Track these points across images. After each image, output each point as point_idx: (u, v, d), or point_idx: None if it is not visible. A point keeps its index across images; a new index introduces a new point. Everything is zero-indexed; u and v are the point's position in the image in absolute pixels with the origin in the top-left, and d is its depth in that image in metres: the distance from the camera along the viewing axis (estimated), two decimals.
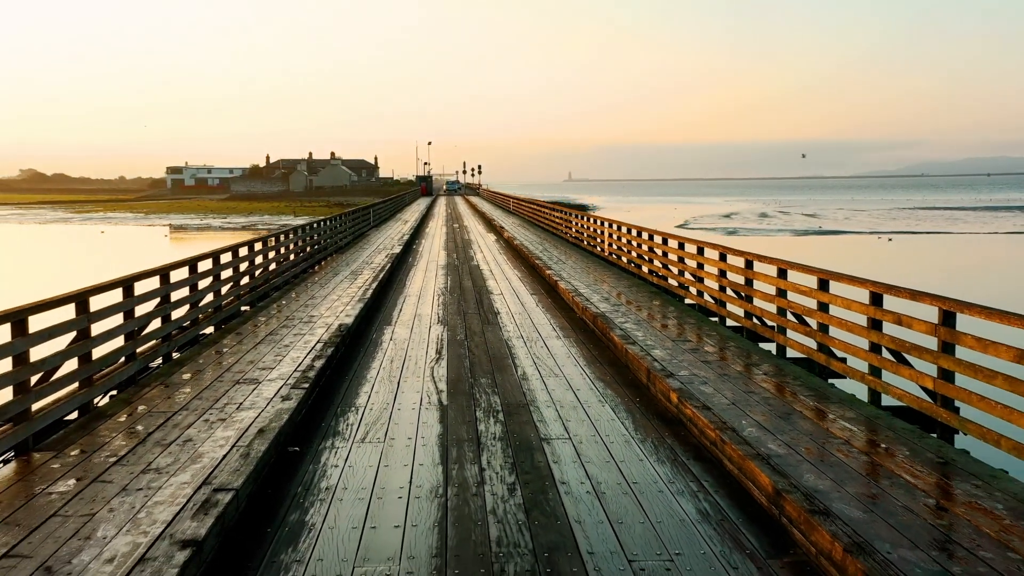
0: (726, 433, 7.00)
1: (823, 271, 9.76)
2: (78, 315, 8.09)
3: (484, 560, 5.07)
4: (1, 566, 4.76)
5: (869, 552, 4.78)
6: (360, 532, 5.49)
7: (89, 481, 6.15)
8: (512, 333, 12.66)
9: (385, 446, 7.27)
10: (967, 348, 6.94)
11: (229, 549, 5.30)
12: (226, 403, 8.27)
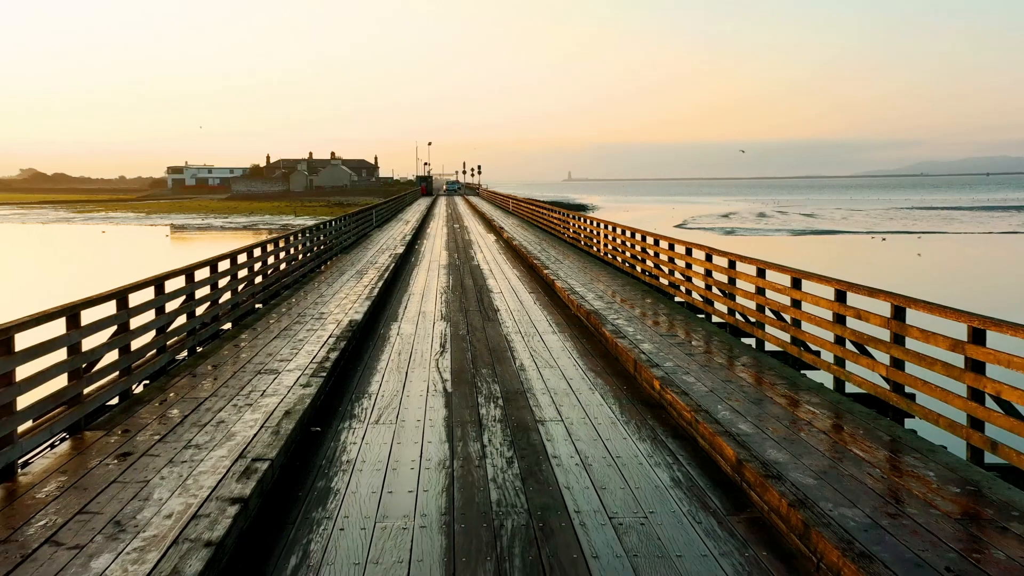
0: (700, 414, 7.88)
1: (796, 270, 10.64)
2: (119, 310, 8.96)
3: (486, 517, 5.95)
4: (78, 520, 5.63)
5: (809, 506, 5.66)
6: (379, 496, 6.37)
7: (139, 455, 7.02)
8: (511, 328, 13.55)
9: (397, 427, 8.16)
10: (914, 339, 7.83)
11: (268, 508, 6.18)
12: (251, 390, 9.14)
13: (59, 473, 6.61)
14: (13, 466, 6.61)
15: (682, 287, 15.46)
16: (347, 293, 16.80)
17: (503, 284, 19.36)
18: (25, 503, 5.99)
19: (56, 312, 7.59)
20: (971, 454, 6.99)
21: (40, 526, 5.55)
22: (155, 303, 10.12)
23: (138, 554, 5.11)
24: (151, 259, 47.68)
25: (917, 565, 4.90)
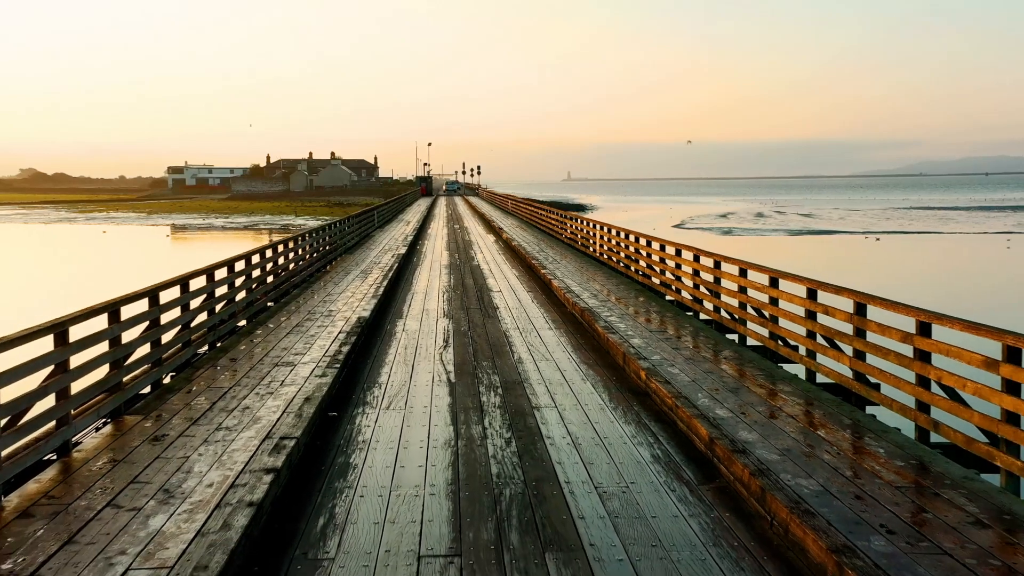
0: (680, 400, 8.73)
1: (773, 270, 11.49)
2: (151, 307, 9.80)
3: (487, 486, 6.80)
4: (131, 488, 6.47)
5: (768, 476, 6.50)
6: (392, 469, 7.22)
7: (176, 436, 7.86)
8: (510, 325, 14.39)
9: (406, 412, 9.01)
10: (873, 332, 8.68)
11: (296, 479, 7.03)
12: (270, 380, 9.97)
13: (108, 450, 7.45)
14: (69, 443, 7.46)
15: (672, 286, 16.30)
16: (353, 292, 17.63)
17: (502, 283, 20.20)
18: (83, 474, 6.83)
19: (100, 308, 8.43)
20: (918, 434, 7.84)
21: (99, 493, 6.39)
22: (181, 300, 10.96)
23: (188, 515, 5.95)
24: (157, 259, 48.52)
25: (856, 523, 5.74)
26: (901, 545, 5.39)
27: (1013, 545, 5.42)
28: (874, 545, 5.38)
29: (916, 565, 5.10)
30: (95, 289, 31.47)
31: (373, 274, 20.90)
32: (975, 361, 6.91)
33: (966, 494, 6.30)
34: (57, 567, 5.14)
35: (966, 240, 54.46)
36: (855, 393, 9.09)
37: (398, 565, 5.41)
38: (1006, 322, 7.85)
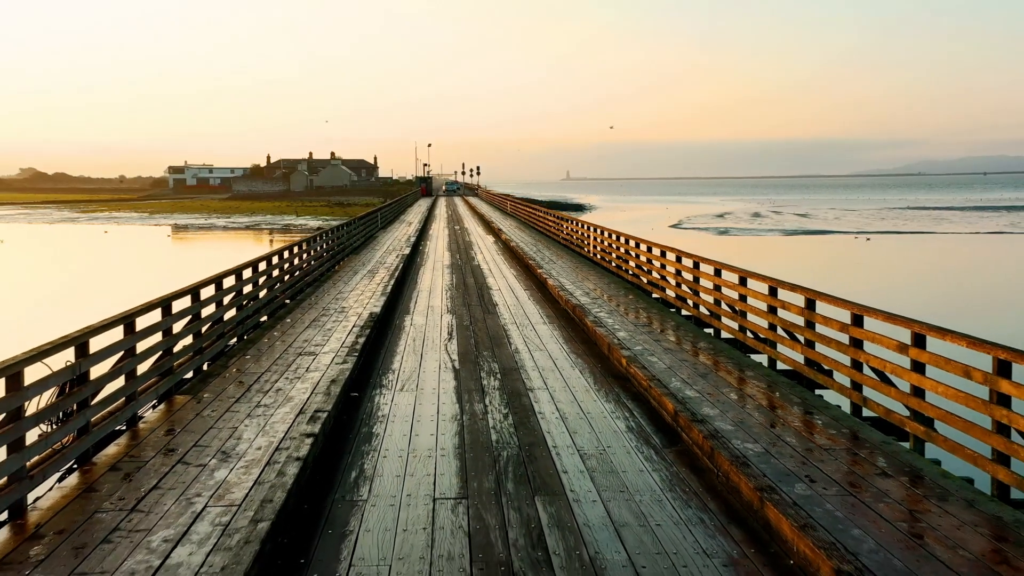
0: (653, 382, 10.13)
1: (742, 269, 12.89)
2: (193, 303, 11.20)
3: (488, 449, 8.20)
4: (194, 450, 7.85)
5: (719, 439, 7.90)
6: (408, 437, 8.62)
7: (222, 412, 9.24)
8: (508, 320, 15.80)
9: (417, 393, 10.41)
10: (819, 323, 10.08)
11: (329, 445, 8.42)
12: (297, 367, 11.36)
13: (167, 423, 8.84)
14: (136, 417, 8.86)
15: (659, 285, 17.69)
16: (363, 290, 19.02)
17: (501, 282, 21.59)
18: (152, 441, 8.22)
19: (157, 303, 9.82)
20: (852, 410, 9.24)
21: (169, 454, 7.78)
22: (215, 298, 12.34)
23: (245, 469, 7.34)
24: (166, 259, 49.87)
25: (785, 474, 7.13)
26: (817, 489, 6.78)
27: (907, 489, 6.82)
28: (796, 489, 6.77)
29: (825, 503, 6.49)
30: (119, 288, 32.89)
31: (380, 274, 22.28)
32: (892, 346, 8.31)
33: (881, 455, 7.69)
34: (149, 506, 6.52)
35: (956, 240, 55.85)
36: (807, 377, 10.49)
37: (418, 504, 6.81)
38: (945, 314, 9.24)
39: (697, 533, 6.28)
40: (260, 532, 5.91)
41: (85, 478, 7.19)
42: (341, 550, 6.03)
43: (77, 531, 6.07)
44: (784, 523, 6.09)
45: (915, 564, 5.44)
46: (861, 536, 5.86)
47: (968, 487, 6.94)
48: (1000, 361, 6.70)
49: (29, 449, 6.50)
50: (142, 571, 5.41)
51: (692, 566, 5.71)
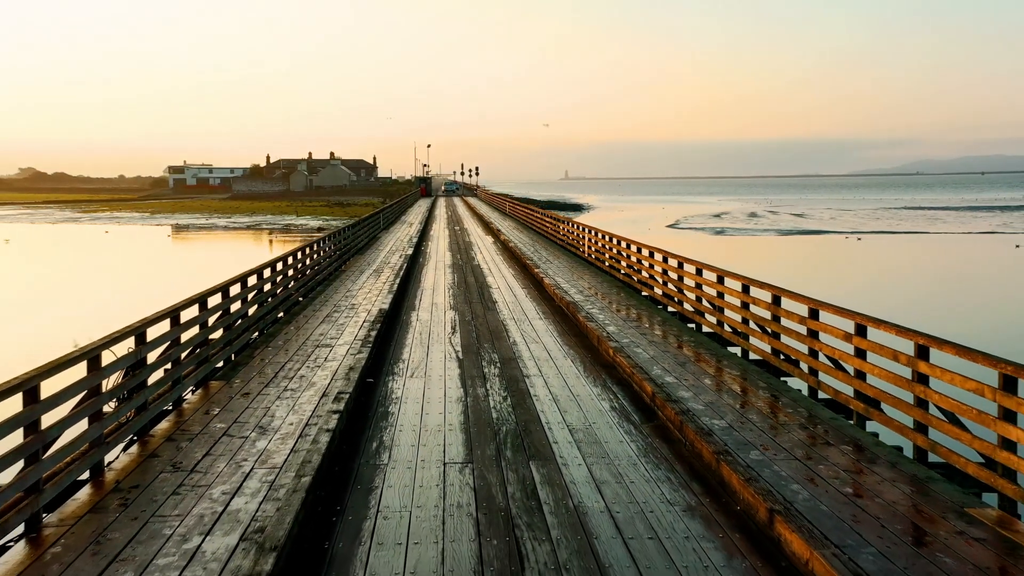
0: (636, 369, 11.39)
1: (720, 269, 14.14)
2: (223, 299, 12.44)
3: (490, 425, 9.45)
4: (235, 426, 9.09)
5: (690, 416, 9.16)
6: (420, 415, 9.88)
7: (255, 395, 10.48)
8: (506, 316, 17.05)
9: (426, 379, 11.67)
10: (783, 317, 11.34)
11: (351, 421, 9.68)
12: (316, 357, 12.61)
13: (207, 404, 10.08)
14: (180, 399, 10.10)
15: (648, 284, 18.95)
16: (370, 288, 20.27)
17: (500, 281, 22.85)
18: (197, 418, 9.46)
19: (195, 298, 11.07)
20: (810, 392, 10.50)
21: (214, 428, 9.02)
22: (241, 295, 13.58)
23: (282, 439, 8.59)
24: (174, 259, 51.05)
25: (743, 443, 8.38)
26: (769, 455, 8.04)
27: (845, 456, 8.08)
28: (750, 455, 8.02)
29: (773, 465, 7.75)
30: (137, 287, 34.03)
31: (385, 273, 23.52)
32: (839, 335, 9.57)
33: (829, 429, 8.94)
34: (205, 468, 7.77)
35: (945, 240, 57.12)
36: (774, 365, 11.75)
37: (431, 467, 8.08)
38: (903, 311, 10.46)
39: (664, 488, 7.54)
40: (304, 484, 7.17)
41: (146, 448, 8.43)
42: (369, 501, 7.29)
43: (148, 487, 7.32)
44: (734, 477, 7.35)
45: (836, 508, 6.69)
46: (798, 489, 7.11)
47: (896, 453, 8.20)
48: (919, 346, 7.96)
49: (106, 419, 7.75)
50: (209, 515, 6.65)
51: (657, 511, 6.97)
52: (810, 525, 6.28)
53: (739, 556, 6.17)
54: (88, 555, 5.96)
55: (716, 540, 6.45)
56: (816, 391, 10.43)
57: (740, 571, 5.91)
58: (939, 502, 6.88)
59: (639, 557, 6.11)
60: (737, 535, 6.53)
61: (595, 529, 6.60)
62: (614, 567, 5.95)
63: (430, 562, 6.06)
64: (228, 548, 6.02)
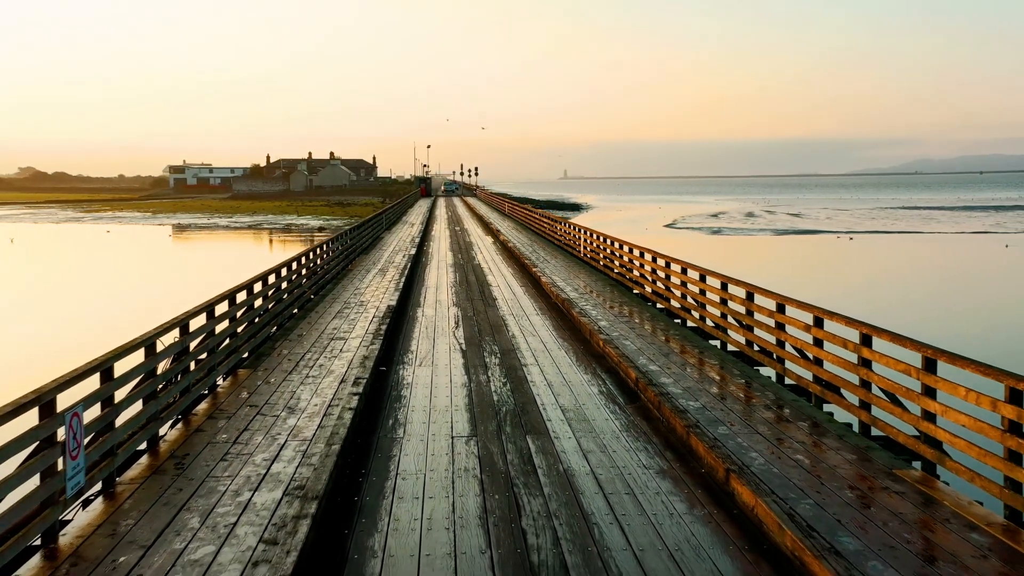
0: (622, 358, 12.63)
1: (701, 268, 15.37)
2: (248, 295, 13.66)
3: (492, 406, 10.68)
4: (267, 406, 10.31)
5: (668, 398, 10.39)
6: (429, 398, 11.11)
7: (280, 381, 11.70)
8: (506, 311, 18.28)
9: (433, 367, 12.90)
10: (756, 312, 12.57)
11: (368, 403, 10.90)
12: (332, 348, 13.82)
13: (238, 389, 11.29)
14: (215, 385, 11.33)
15: (639, 282, 20.17)
16: (377, 286, 21.50)
17: (500, 279, 24.07)
18: (231, 400, 10.68)
19: (226, 294, 12.29)
20: (778, 379, 11.73)
21: (248, 409, 10.24)
22: (262, 292, 14.79)
23: (310, 417, 9.81)
24: (181, 259, 52.20)
25: (713, 420, 9.60)
26: (734, 429, 9.26)
27: (801, 431, 9.30)
28: (718, 430, 9.25)
29: (736, 437, 8.96)
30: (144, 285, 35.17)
31: (390, 272, 24.75)
32: (801, 327, 10.80)
33: (792, 410, 10.16)
34: (245, 440, 8.98)
35: (937, 240, 58.35)
36: (749, 357, 12.98)
37: (440, 439, 9.31)
38: (874, 307, 11.64)
39: (641, 456, 8.78)
40: (334, 451, 8.40)
41: (190, 425, 9.65)
42: (389, 465, 8.53)
43: (199, 455, 8.53)
44: (700, 446, 8.59)
45: (785, 471, 7.92)
46: (756, 456, 8.34)
47: (845, 429, 9.43)
48: (863, 335, 9.19)
49: (159, 399, 8.96)
50: (255, 476, 7.87)
51: (634, 473, 8.21)
52: (759, 481, 7.51)
53: (699, 506, 7.40)
54: (159, 505, 7.18)
55: (682, 495, 7.69)
56: (783, 377, 11.65)
57: (699, 517, 7.15)
58: (874, 466, 8.11)
59: (616, 507, 7.34)
60: (699, 491, 7.77)
61: (581, 487, 7.84)
62: (595, 515, 7.18)
63: (443, 511, 7.29)
64: (275, 500, 7.24)
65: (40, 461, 6.37)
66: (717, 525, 7.02)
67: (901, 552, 6.16)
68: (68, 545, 6.43)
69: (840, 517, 6.81)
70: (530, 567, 6.21)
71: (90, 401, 7.34)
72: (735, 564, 6.30)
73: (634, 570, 6.12)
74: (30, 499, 6.17)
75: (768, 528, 6.77)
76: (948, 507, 7.08)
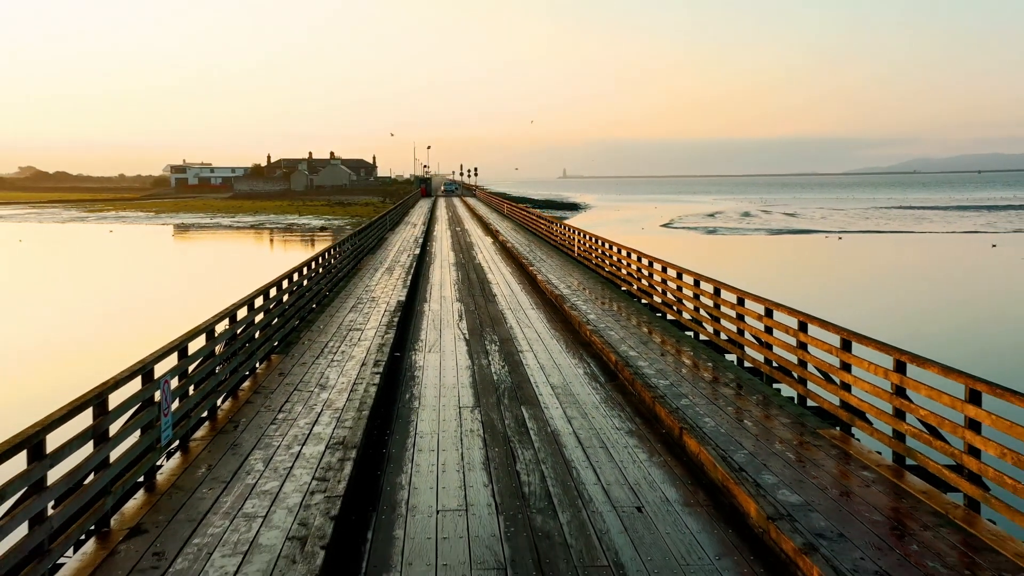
0: (607, 346, 14.52)
1: (678, 267, 17.26)
2: (277, 292, 15.53)
3: (492, 384, 12.58)
4: (301, 382, 12.19)
5: (641, 376, 12.28)
6: (439, 377, 13.00)
7: (311, 363, 13.58)
8: (504, 306, 20.17)
9: (441, 353, 14.80)
10: (722, 305, 14.46)
11: (387, 381, 12.79)
12: (351, 338, 15.70)
13: (274, 371, 13.16)
14: (255, 368, 13.21)
15: (626, 280, 22.06)
16: (386, 284, 23.38)
17: (499, 277, 25.96)
18: (270, 380, 12.55)
19: (261, 290, 14.17)
20: (738, 363, 13.61)
21: (286, 385, 12.12)
22: (288, 290, 16.67)
23: (339, 392, 11.69)
24: (189, 258, 54.02)
25: (679, 395, 11.47)
26: (695, 401, 11.13)
27: (752, 404, 11.18)
28: (681, 401, 11.12)
29: (696, 408, 10.84)
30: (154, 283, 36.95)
31: (396, 271, 26.63)
32: (755, 316, 12.69)
33: (748, 387, 12.05)
34: (287, 410, 10.86)
35: (923, 240, 60.22)
36: (717, 344, 14.87)
37: (449, 408, 11.21)
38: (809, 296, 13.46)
39: (615, 421, 10.68)
40: (364, 416, 10.29)
41: (239, 399, 11.53)
42: (409, 428, 10.42)
43: (251, 423, 10.40)
44: (662, 412, 10.49)
45: (730, 431, 9.80)
46: (708, 420, 10.22)
47: (789, 402, 11.30)
48: (800, 322, 11.08)
49: (215, 378, 10.84)
50: (301, 435, 9.74)
51: (608, 433, 10.11)
52: (705, 436, 9.40)
53: (657, 455, 9.31)
54: (228, 455, 9.06)
55: (644, 448, 9.59)
56: (743, 361, 13.54)
57: (656, 463, 9.05)
58: (803, 429, 10.00)
59: (591, 456, 9.24)
60: (659, 445, 9.67)
61: (564, 442, 9.74)
62: (574, 461, 9.08)
63: (454, 459, 9.19)
64: (320, 452, 9.12)
65: (143, 417, 8.24)
66: (670, 468, 8.92)
67: (807, 484, 8.05)
68: (165, 481, 8.32)
69: (767, 462, 8.69)
70: (522, 495, 8.10)
71: (172, 373, 9.22)
72: (679, 492, 8.20)
73: (601, 496, 8.01)
74: (136, 446, 8.04)
75: (707, 468, 8.67)
76: (853, 456, 8.97)
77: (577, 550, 6.90)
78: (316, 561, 6.36)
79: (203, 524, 7.20)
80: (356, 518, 7.65)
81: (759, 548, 6.98)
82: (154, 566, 6.39)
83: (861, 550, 6.55)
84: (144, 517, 7.40)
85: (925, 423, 8.17)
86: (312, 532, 6.92)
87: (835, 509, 7.41)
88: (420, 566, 6.64)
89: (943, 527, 7.09)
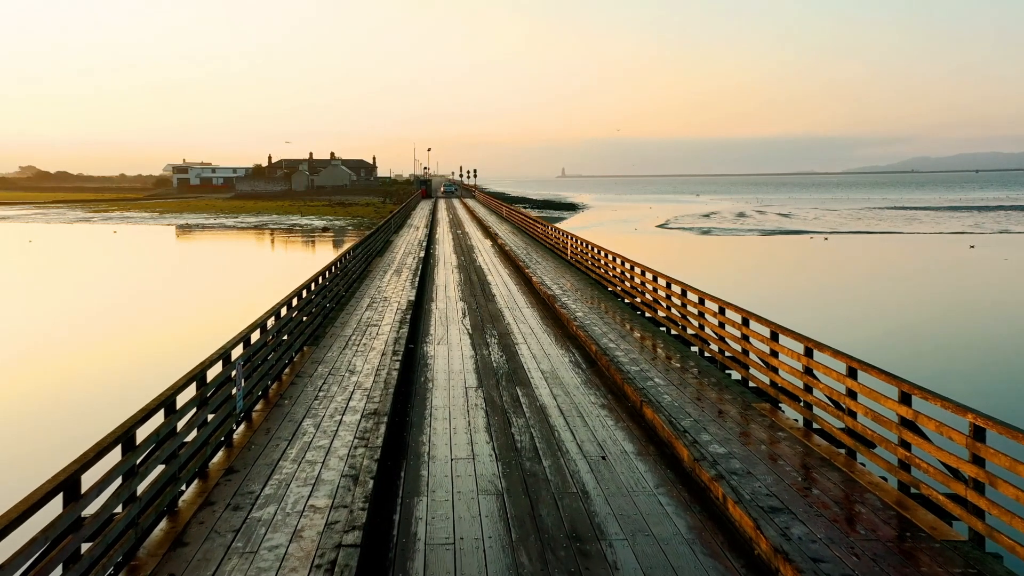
0: (591, 339, 17.02)
1: (654, 270, 19.76)
2: (306, 295, 18.01)
3: (492, 369, 15.09)
4: (334, 368, 14.68)
5: (615, 362, 14.78)
6: (448, 364, 15.51)
7: (338, 354, 16.06)
8: (503, 305, 22.69)
9: (448, 345, 17.31)
10: (689, 305, 16.95)
11: (406, 366, 15.29)
12: (370, 332, 18.18)
13: (308, 359, 15.64)
14: (292, 357, 15.69)
15: (613, 282, 24.55)
16: (395, 285, 25.87)
17: (498, 279, 28.46)
18: (307, 367, 15.03)
19: (295, 291, 16.64)
20: (700, 353, 16.11)
21: (322, 370, 14.60)
22: (317, 291, 19.14)
23: (366, 375, 14.18)
24: (199, 258, 56.27)
25: (645, 378, 13.96)
26: (659, 382, 13.62)
27: (709, 388, 13.68)
28: (646, 383, 13.61)
29: (659, 388, 13.32)
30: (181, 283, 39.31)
31: (404, 273, 29.11)
32: (711, 312, 15.19)
33: (709, 376, 14.53)
34: (326, 389, 13.33)
35: (909, 240, 62.61)
36: (686, 339, 17.37)
37: (457, 388, 13.73)
38: (768, 294, 15.91)
39: (591, 397, 13.19)
40: (390, 393, 12.79)
41: (283, 383, 14.00)
42: (425, 403, 12.94)
43: (297, 398, 12.88)
44: (629, 389, 13.01)
45: (683, 404, 12.29)
46: (666, 396, 12.71)
47: (735, 383, 13.78)
48: (744, 317, 13.58)
49: (264, 365, 13.30)
50: (340, 408, 12.22)
51: (584, 406, 12.63)
52: (660, 407, 11.91)
53: (622, 422, 11.83)
54: (285, 422, 11.55)
55: (613, 416, 12.11)
56: (702, 352, 16.05)
57: (620, 427, 11.56)
58: (743, 403, 12.49)
59: (570, 422, 11.77)
60: (624, 415, 12.20)
61: (549, 412, 12.26)
62: (556, 427, 11.60)
63: (463, 424, 11.71)
64: (357, 420, 11.61)
65: (223, 391, 10.73)
66: (630, 431, 11.44)
67: (734, 442, 10.54)
68: (239, 441, 10.81)
69: (706, 426, 11.19)
70: (515, 448, 10.62)
71: (243, 358, 11.69)
72: (635, 447, 10.73)
73: (575, 449, 10.54)
74: (219, 413, 10.51)
75: (658, 429, 11.19)
76: (777, 423, 11.47)
77: (555, 483, 9.42)
78: (368, 487, 8.86)
79: (277, 468, 9.68)
80: (391, 464, 10.16)
81: (687, 481, 9.51)
82: (251, 491, 8.89)
83: (760, 481, 9.06)
84: (233, 462, 9.90)
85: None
86: (362, 469, 9.43)
87: (750, 456, 9.91)
88: (441, 492, 9.16)
89: (832, 471, 9.59)
